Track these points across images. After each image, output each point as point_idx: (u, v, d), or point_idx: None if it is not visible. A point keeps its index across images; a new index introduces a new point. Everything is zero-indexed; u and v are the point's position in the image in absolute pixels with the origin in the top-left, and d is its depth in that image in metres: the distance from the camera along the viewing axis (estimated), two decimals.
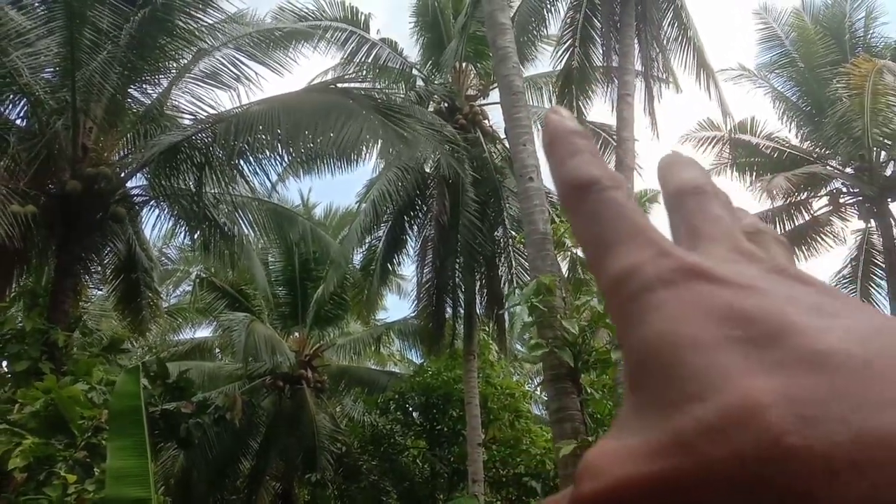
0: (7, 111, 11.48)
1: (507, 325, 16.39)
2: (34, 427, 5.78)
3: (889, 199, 16.48)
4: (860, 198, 16.93)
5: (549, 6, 14.36)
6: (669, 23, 13.50)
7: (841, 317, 0.22)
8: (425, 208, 15.87)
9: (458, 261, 14.95)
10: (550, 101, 16.35)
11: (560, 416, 7.59)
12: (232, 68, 11.71)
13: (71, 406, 5.83)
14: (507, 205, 15.05)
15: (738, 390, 0.20)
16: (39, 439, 5.62)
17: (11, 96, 11.27)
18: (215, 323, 18.65)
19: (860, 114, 15.24)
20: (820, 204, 17.74)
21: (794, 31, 18.09)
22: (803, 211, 17.78)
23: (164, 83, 12.07)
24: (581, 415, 7.55)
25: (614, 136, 12.91)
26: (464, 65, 16.05)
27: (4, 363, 9.28)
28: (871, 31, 17.93)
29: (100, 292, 15.32)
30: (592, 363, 8.10)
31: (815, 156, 17.88)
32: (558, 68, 14.25)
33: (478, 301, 15.48)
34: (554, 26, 14.75)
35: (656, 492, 0.21)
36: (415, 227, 16.11)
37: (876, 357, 0.20)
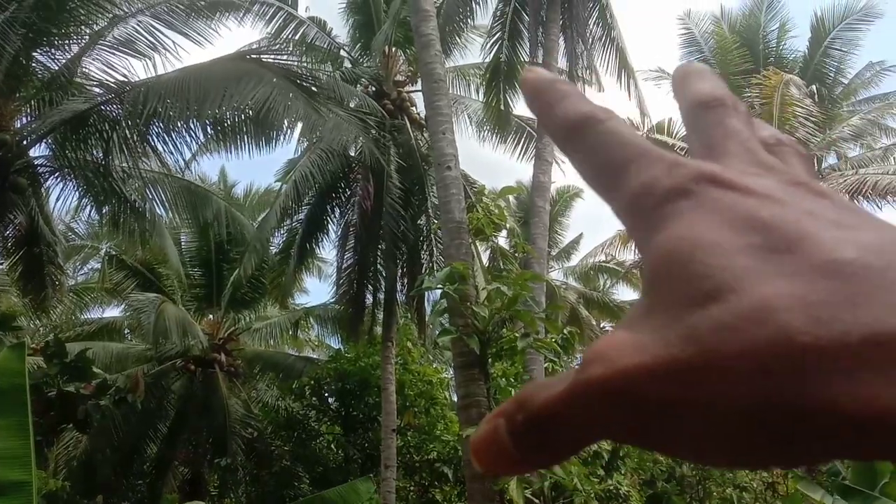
0: None
1: (427, 313, 16.49)
2: None
3: None
4: None
5: None
6: (595, 22, 13.79)
7: (859, 230, 0.22)
8: (349, 192, 15.71)
9: (380, 247, 14.89)
10: (478, 92, 16.45)
11: (467, 403, 7.71)
12: (148, 36, 11.22)
13: None
14: (432, 193, 15.07)
15: (755, 292, 0.21)
16: None
17: None
18: (124, 303, 17.95)
19: (769, 121, 16.03)
20: None
21: (713, 39, 18.80)
22: None
23: (75, 49, 11.47)
24: (487, 401, 7.69)
25: (535, 131, 13.13)
26: (393, 50, 15.92)
27: None
28: (783, 43, 18.86)
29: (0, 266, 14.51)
30: (502, 351, 8.27)
31: None
32: (487, 60, 14.35)
33: (399, 288, 15.47)
34: (483, 16, 14.84)
35: (663, 380, 0.21)
36: (337, 211, 15.93)
37: (892, 268, 0.20)
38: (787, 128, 16.17)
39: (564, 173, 19.10)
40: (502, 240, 11.15)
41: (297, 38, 15.16)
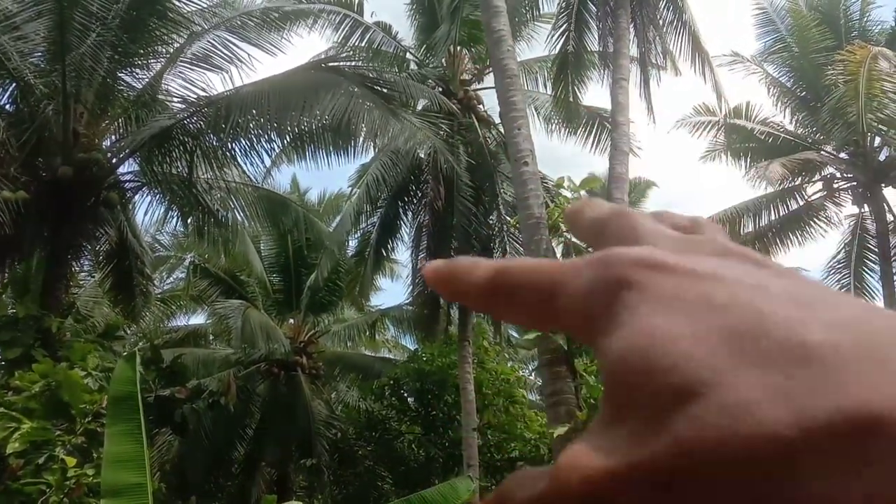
0: None
1: None
2: (35, 409, 5.74)
3: (882, 184, 16.53)
4: (854, 183, 16.96)
5: None
6: (665, 6, 13.40)
7: (815, 306, 0.21)
8: (420, 193, 15.81)
9: (452, 246, 14.92)
10: (545, 86, 16.27)
11: (555, 400, 7.61)
12: (224, 50, 11.59)
13: (74, 389, 5.79)
14: (502, 190, 15.01)
15: (730, 384, 0.19)
16: (38, 423, 5.59)
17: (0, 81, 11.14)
18: (209, 310, 18.59)
19: (855, 99, 15.21)
20: (814, 189, 17.79)
21: (790, 17, 18.01)
22: (797, 196, 17.82)
23: (156, 67, 11.95)
24: (575, 398, 7.57)
25: (609, 121, 12.86)
26: (458, 49, 15.92)
27: None
28: (866, 15, 17.88)
29: (92, 279, 15.25)
30: (586, 348, 8.10)
31: (809, 141, 17.89)
32: (553, 52, 14.17)
33: None
34: (548, 5, 14.68)
35: (641, 485, 0.19)
36: (409, 213, 16.06)
37: (860, 346, 0.19)
38: (876, 105, 15.32)
39: (640, 159, 18.71)
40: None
41: (363, 44, 15.36)
